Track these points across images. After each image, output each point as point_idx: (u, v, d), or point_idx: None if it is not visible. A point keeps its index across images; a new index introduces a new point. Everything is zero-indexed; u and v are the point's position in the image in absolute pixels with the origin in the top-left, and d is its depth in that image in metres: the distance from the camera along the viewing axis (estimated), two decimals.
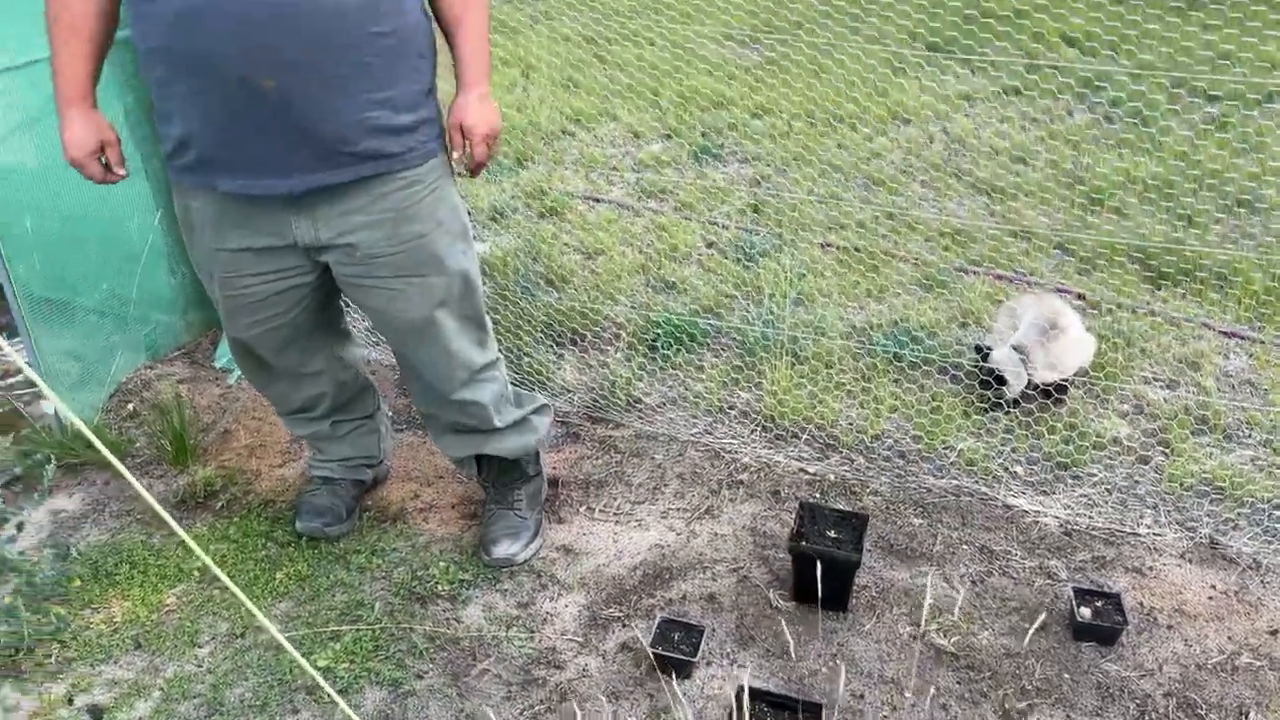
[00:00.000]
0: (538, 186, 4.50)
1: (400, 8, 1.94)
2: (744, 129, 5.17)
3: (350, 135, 1.94)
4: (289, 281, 2.17)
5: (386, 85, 1.94)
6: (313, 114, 1.89)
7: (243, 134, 1.91)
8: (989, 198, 4.42)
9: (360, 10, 1.86)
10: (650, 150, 4.97)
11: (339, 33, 1.85)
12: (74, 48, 1.98)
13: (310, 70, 1.85)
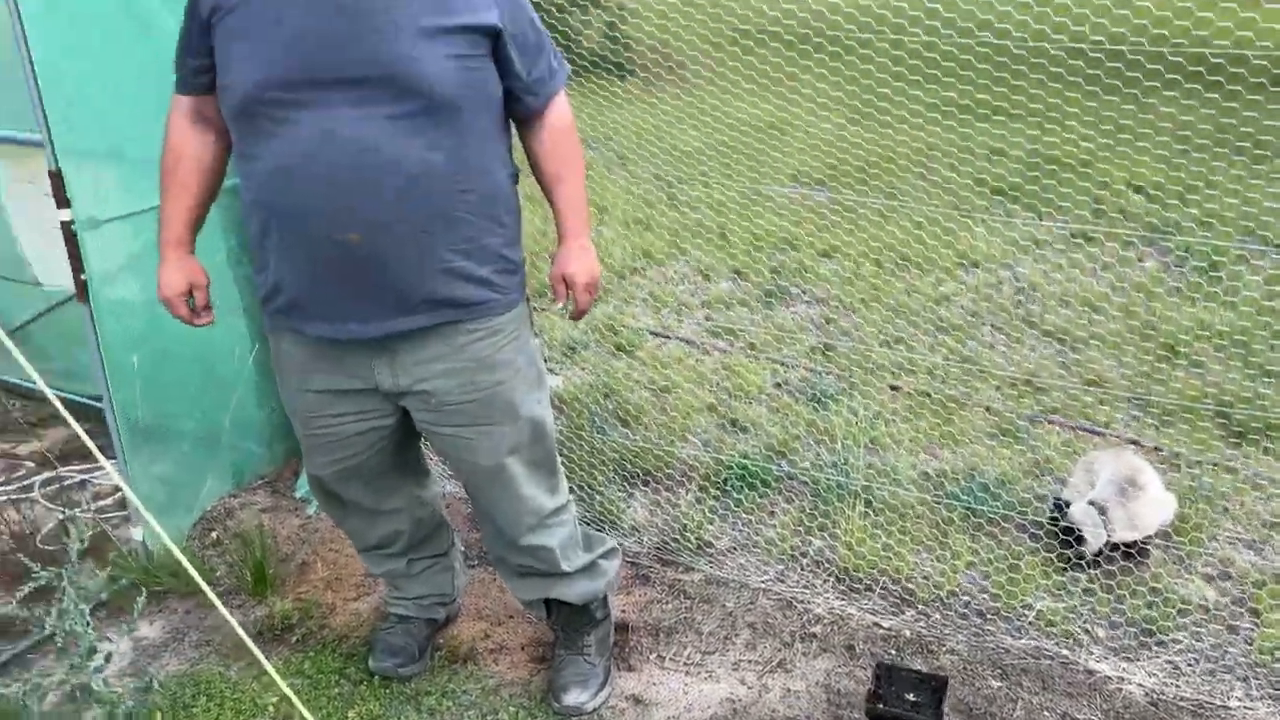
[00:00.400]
0: (610, 322, 4.61)
1: (486, 168, 2.03)
2: (813, 270, 5.26)
3: (431, 285, 2.01)
4: (370, 423, 2.24)
5: (469, 239, 2.02)
6: (395, 266, 1.97)
7: (328, 283, 2.01)
8: (1060, 345, 4.42)
9: (445, 171, 1.94)
10: (719, 289, 5.07)
11: (422, 192, 1.93)
12: (180, 199, 2.16)
13: (394, 227, 1.94)
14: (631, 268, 5.32)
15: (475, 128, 1.98)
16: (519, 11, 2.01)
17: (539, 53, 2.06)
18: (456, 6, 1.91)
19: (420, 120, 1.89)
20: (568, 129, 2.16)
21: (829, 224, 5.88)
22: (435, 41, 1.88)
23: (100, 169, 2.66)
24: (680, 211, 6.22)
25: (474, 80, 1.95)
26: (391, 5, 1.87)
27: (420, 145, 1.90)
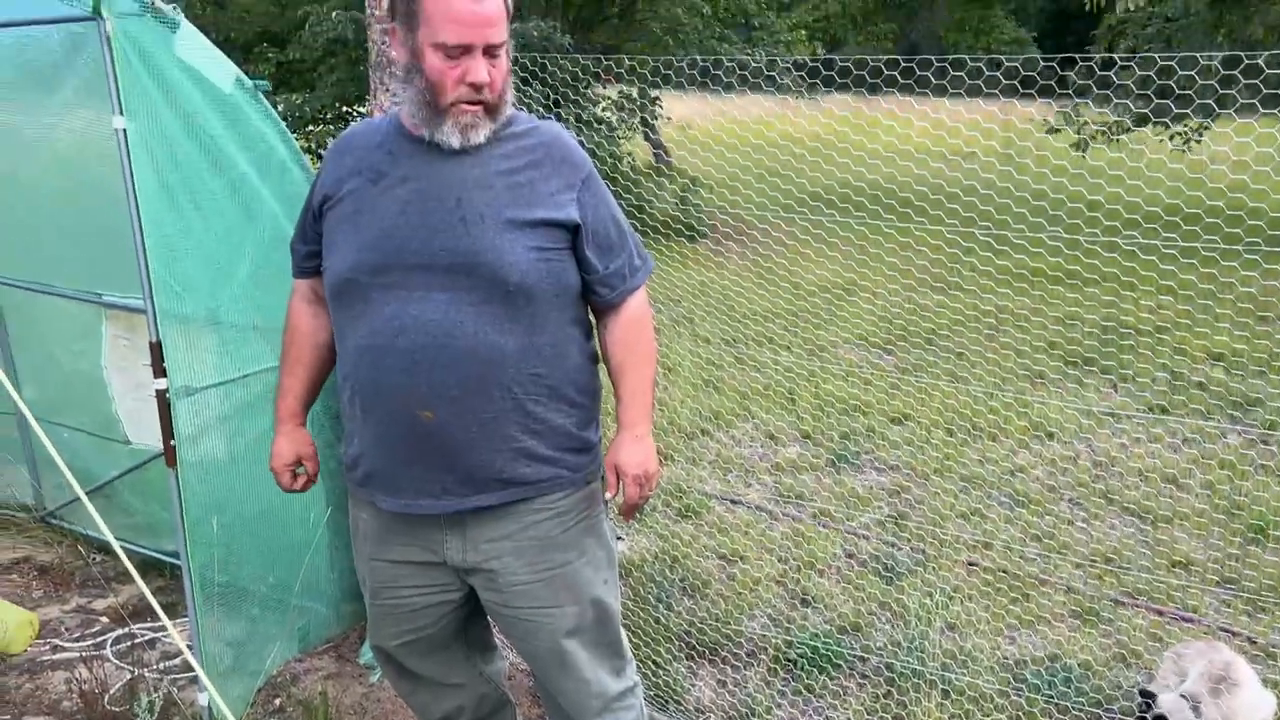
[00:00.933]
0: (676, 485, 4.60)
1: (560, 352, 2.07)
2: (882, 436, 5.22)
3: (500, 464, 2.04)
4: (438, 596, 2.24)
5: (540, 419, 2.06)
6: (466, 445, 2.02)
7: (405, 458, 2.06)
8: (1142, 522, 4.29)
9: (519, 353, 2.00)
10: (787, 454, 5.05)
11: (496, 373, 1.99)
12: (295, 374, 2.29)
13: (466, 405, 1.99)
14: (700, 429, 5.33)
15: (550, 315, 2.04)
16: (601, 209, 2.09)
17: (619, 250, 2.12)
18: (539, 201, 2.00)
19: (497, 307, 1.97)
20: (639, 321, 2.18)
21: (897, 389, 5.86)
22: (518, 234, 1.97)
23: (196, 339, 2.78)
24: (748, 373, 6.26)
25: (552, 271, 2.02)
26: (478, 198, 1.97)
27: (494, 331, 1.97)
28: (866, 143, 7.52)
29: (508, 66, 1.99)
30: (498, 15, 1.95)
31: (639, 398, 2.19)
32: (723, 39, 12.33)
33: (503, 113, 2.01)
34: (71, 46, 2.69)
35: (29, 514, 4.09)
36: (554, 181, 2.03)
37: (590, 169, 2.10)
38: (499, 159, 2.01)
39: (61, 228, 3.58)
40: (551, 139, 2.08)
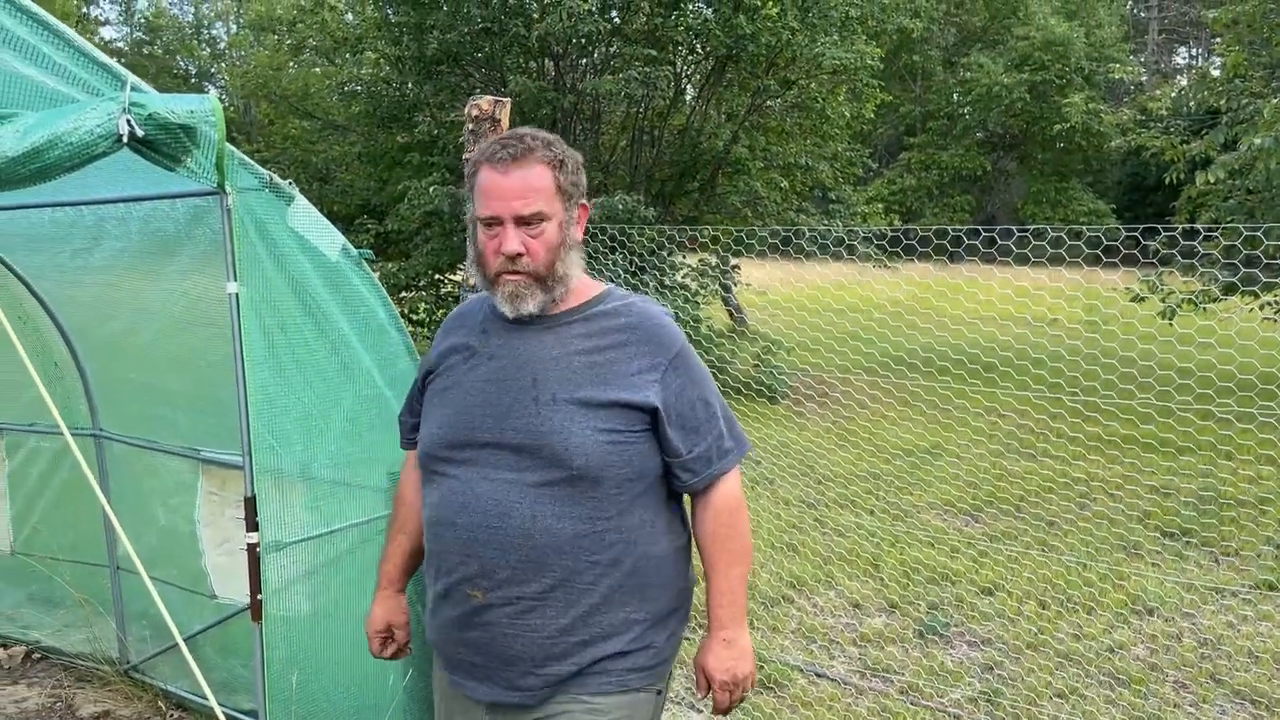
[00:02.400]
0: (757, 654, 4.46)
1: (632, 540, 1.98)
2: (971, 607, 5.03)
3: (544, 656, 1.96)
4: None
5: (597, 610, 1.96)
6: (510, 631, 1.96)
7: (457, 634, 2.04)
8: (1255, 707, 4.01)
9: (576, 540, 1.93)
10: (873, 624, 4.88)
11: (549, 559, 1.92)
12: (397, 540, 2.32)
13: (515, 590, 1.94)
14: (780, 595, 5.20)
15: (618, 500, 1.96)
16: (688, 389, 2.01)
17: (705, 432, 2.03)
18: (616, 382, 1.96)
19: (558, 489, 1.93)
20: (731, 512, 2.06)
21: (986, 557, 5.67)
22: (588, 415, 1.93)
23: (289, 494, 2.85)
24: (829, 537, 6.14)
25: (624, 455, 1.95)
26: (553, 377, 1.96)
27: (551, 515, 1.93)
28: (947, 308, 7.58)
29: (556, 237, 1.97)
30: (526, 188, 1.93)
31: (729, 597, 2.05)
32: (800, 211, 12.68)
33: (561, 284, 1.99)
34: (193, 217, 2.89)
35: (113, 667, 4.13)
36: (638, 362, 1.98)
37: (681, 348, 2.03)
38: (581, 337, 2.00)
39: (167, 388, 3.76)
40: (641, 318, 2.03)
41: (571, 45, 11.63)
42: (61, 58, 2.18)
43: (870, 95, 13.76)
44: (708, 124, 12.92)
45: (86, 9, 38.20)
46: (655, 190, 12.72)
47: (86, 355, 3.92)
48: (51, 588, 4.33)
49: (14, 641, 4.43)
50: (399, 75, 13.13)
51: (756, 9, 11.31)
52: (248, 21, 27.56)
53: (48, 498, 4.32)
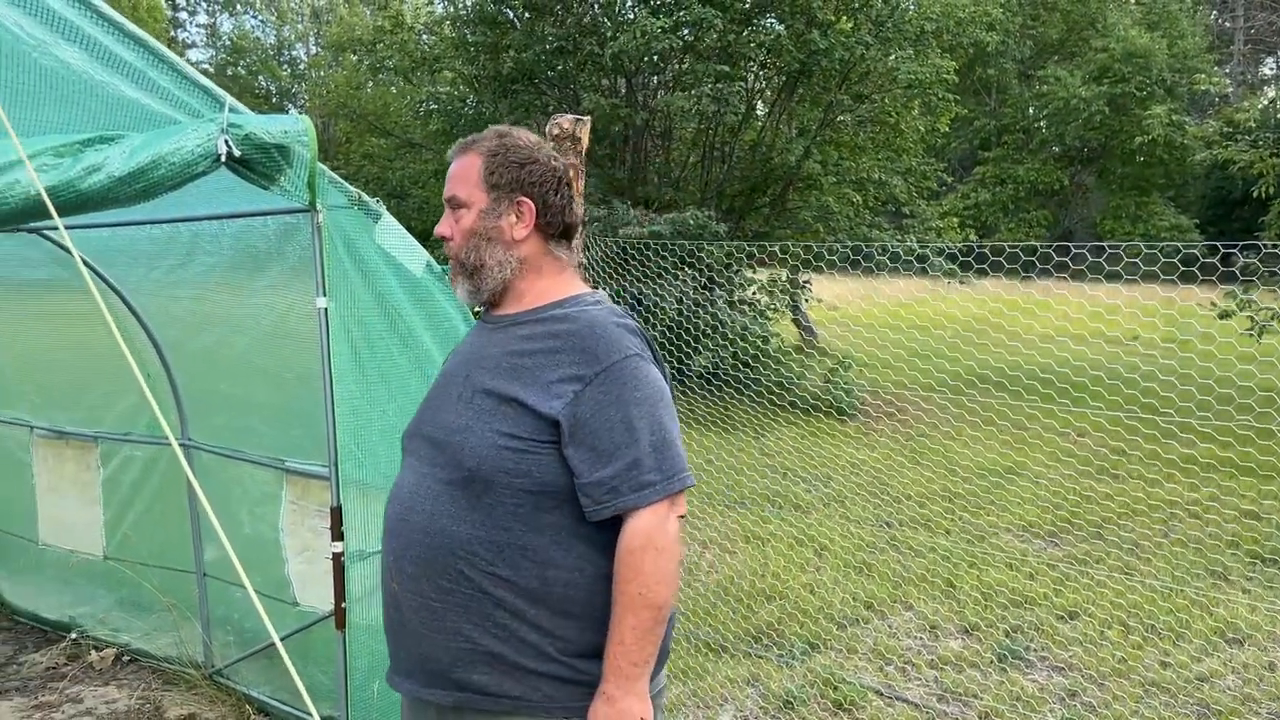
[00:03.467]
0: (830, 676, 4.41)
1: (537, 560, 1.84)
2: (1052, 632, 4.91)
3: (450, 660, 1.87)
4: None
5: (503, 626, 1.84)
6: (417, 626, 1.90)
7: (387, 625, 2.01)
8: None
9: (472, 545, 1.83)
10: (949, 647, 4.80)
11: (445, 561, 1.84)
12: None
13: (419, 586, 1.88)
14: (853, 617, 5.14)
15: (519, 512, 1.83)
16: (609, 408, 1.82)
17: (616, 458, 1.80)
18: (530, 385, 1.85)
19: (457, 490, 1.86)
20: (632, 551, 1.80)
21: (1066, 581, 5.54)
22: (492, 414, 1.85)
23: (372, 504, 2.91)
24: (904, 558, 6.05)
25: (522, 464, 1.83)
26: (479, 374, 1.92)
27: (447, 515, 1.86)
28: (1021, 326, 7.44)
29: (472, 224, 1.95)
30: (454, 174, 1.99)
31: (617, 649, 1.81)
32: (873, 225, 12.57)
33: (482, 275, 1.96)
34: (284, 234, 2.97)
35: (198, 671, 4.24)
36: (561, 370, 1.84)
37: (615, 363, 1.84)
38: (520, 339, 1.92)
39: (254, 400, 3.86)
40: (581, 326, 1.89)
41: (644, 63, 11.71)
42: (166, 81, 2.27)
43: (945, 109, 13.61)
44: (779, 139, 12.90)
45: (174, 33, 39.59)
46: (726, 206, 12.73)
47: (178, 367, 4.04)
48: (140, 592, 4.46)
49: (105, 644, 4.57)
50: (475, 94, 13.35)
51: (830, 24, 11.27)
52: (327, 42, 28.27)
53: (138, 505, 4.46)
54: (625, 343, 1.87)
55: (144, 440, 4.33)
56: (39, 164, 1.89)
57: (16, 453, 4.85)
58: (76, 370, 4.51)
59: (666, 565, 1.80)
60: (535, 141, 2.02)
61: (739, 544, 6.28)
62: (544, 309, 1.95)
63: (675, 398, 2.01)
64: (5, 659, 4.55)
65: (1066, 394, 7.64)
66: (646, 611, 1.79)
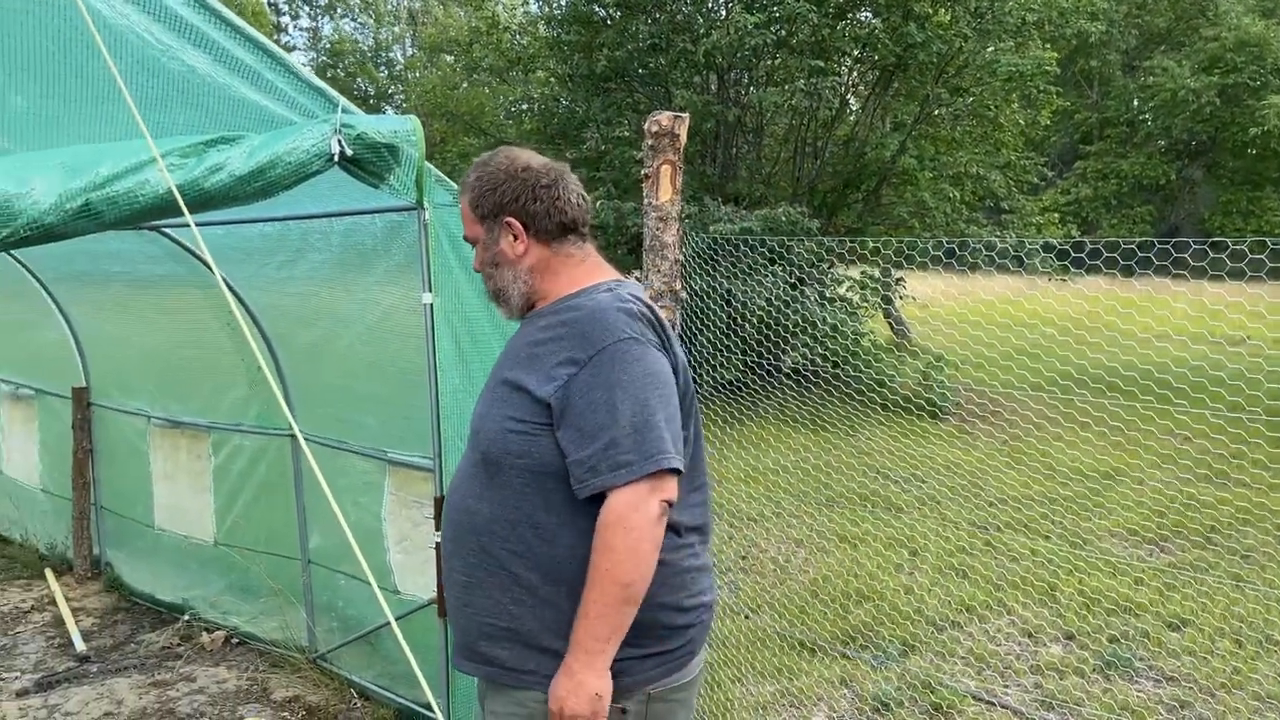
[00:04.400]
0: (926, 679, 4.34)
1: (545, 537, 1.91)
2: (1158, 640, 4.75)
3: (477, 633, 1.99)
4: None
5: (520, 602, 1.93)
6: (456, 603, 2.04)
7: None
8: None
9: (490, 524, 1.95)
10: (1049, 653, 4.68)
11: (470, 539, 1.98)
12: None
13: (454, 564, 2.03)
14: (950, 620, 5.05)
15: (525, 492, 1.92)
16: (595, 390, 1.86)
17: (596, 438, 1.84)
18: (534, 371, 1.93)
19: (479, 471, 1.99)
20: (607, 526, 1.83)
21: (1173, 589, 5.35)
22: (504, 401, 1.97)
23: None
24: (1002, 562, 5.92)
25: (524, 445, 1.91)
26: (504, 361, 2.06)
27: (473, 495, 1.99)
28: (1125, 325, 7.21)
29: (481, 259, 2.11)
30: (463, 214, 2.13)
31: (581, 621, 1.84)
32: (971, 221, 12.31)
33: (501, 300, 2.11)
34: (390, 232, 3.05)
35: (303, 654, 4.38)
36: (560, 355, 1.91)
37: (607, 347, 1.88)
38: (538, 329, 2.02)
39: (359, 392, 3.97)
40: (582, 315, 1.96)
41: (737, 59, 11.66)
42: (282, 83, 2.35)
43: (1046, 101, 13.25)
44: (873, 134, 12.72)
45: (278, 37, 40.81)
46: (818, 202, 12.60)
47: (286, 360, 4.18)
48: (249, 577, 4.63)
49: (216, 626, 4.76)
50: (568, 93, 13.47)
51: (927, 17, 11.07)
52: (423, 43, 28.81)
53: (246, 493, 4.62)
54: (621, 326, 1.91)
55: (254, 430, 4.48)
56: (167, 164, 1.97)
57: (135, 441, 5.08)
58: (190, 362, 4.70)
59: (637, 544, 1.82)
60: (510, 159, 2.10)
61: (832, 544, 6.23)
62: (560, 301, 2.05)
63: (764, 396, 2.03)
64: (124, 638, 4.77)
65: (1173, 396, 7.37)
66: (613, 588, 1.82)
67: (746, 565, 5.88)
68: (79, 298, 5.12)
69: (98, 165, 1.84)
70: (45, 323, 5.28)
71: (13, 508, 6.16)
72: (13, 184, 1.73)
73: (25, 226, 1.74)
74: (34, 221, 1.74)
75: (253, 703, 4.13)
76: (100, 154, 1.88)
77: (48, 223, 1.76)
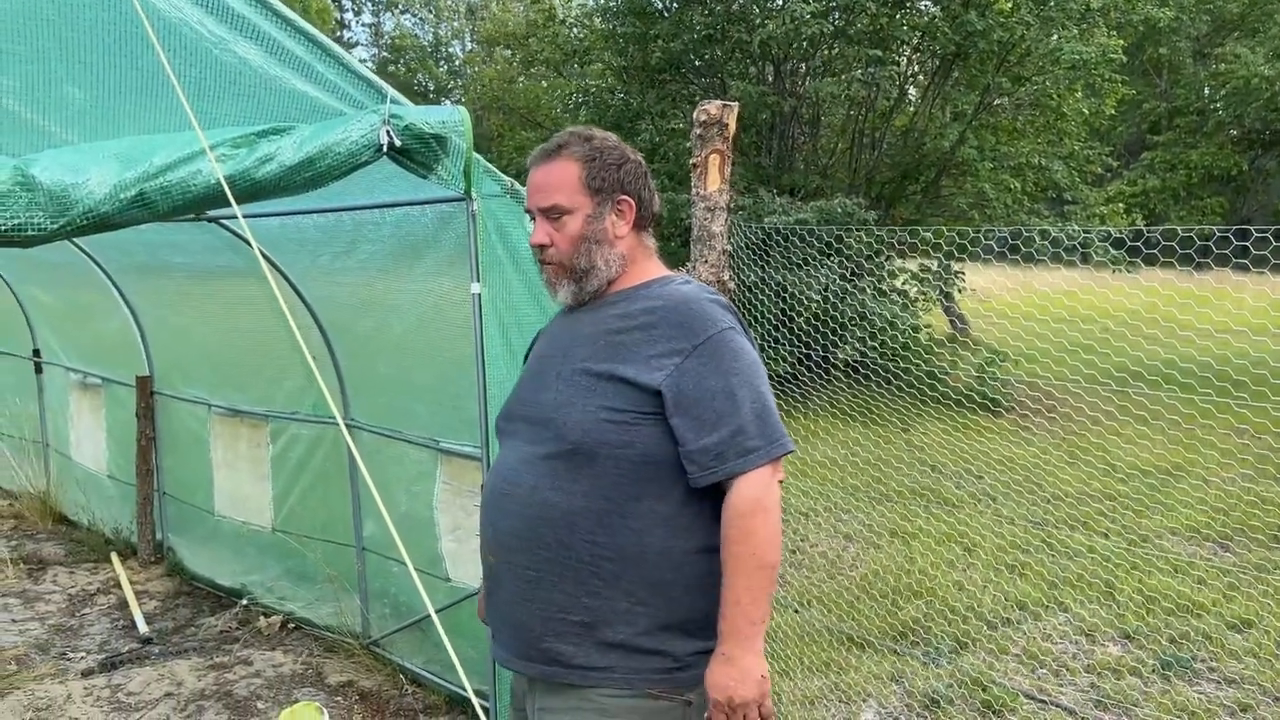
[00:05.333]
0: (977, 677, 4.28)
1: (633, 528, 1.89)
2: (1221, 642, 4.63)
3: (543, 631, 1.93)
4: None
5: (598, 598, 1.90)
6: (515, 599, 1.96)
7: (486, 599, 2.10)
8: None
9: (573, 516, 1.90)
10: (1106, 653, 4.58)
11: (546, 532, 1.91)
12: None
13: (518, 560, 1.95)
14: (1004, 618, 4.97)
15: (620, 483, 1.89)
16: (709, 378, 1.87)
17: (720, 426, 1.86)
18: (628, 360, 1.91)
19: (558, 464, 1.92)
20: (743, 515, 1.86)
21: (1237, 590, 5.21)
22: (592, 389, 1.91)
23: None
24: (1058, 559, 5.81)
25: (624, 435, 1.88)
26: (577, 353, 1.99)
27: (550, 487, 1.92)
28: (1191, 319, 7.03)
29: (579, 230, 2.00)
30: (546, 183, 2.01)
31: (731, 609, 1.86)
32: (1033, 213, 12.08)
33: (591, 276, 2.02)
34: (440, 222, 3.08)
35: (356, 640, 4.45)
36: (660, 345, 1.91)
37: (712, 336, 1.91)
38: (615, 318, 1.99)
39: (412, 382, 4.02)
40: (675, 302, 1.96)
41: (793, 49, 11.57)
42: (332, 74, 2.38)
43: (1111, 90, 12.94)
44: (932, 124, 12.54)
45: (340, 33, 41.38)
46: (875, 193, 12.46)
47: (341, 350, 4.24)
48: (305, 564, 4.71)
49: (272, 611, 4.85)
50: (623, 85, 13.47)
51: (988, 4, 10.88)
52: (483, 35, 29.02)
53: (303, 481, 4.71)
54: (719, 317, 1.94)
55: (310, 419, 4.56)
56: (218, 155, 2.01)
57: (196, 429, 5.20)
58: (249, 352, 4.79)
59: (774, 526, 1.87)
60: (617, 140, 2.09)
61: (883, 539, 6.16)
62: (636, 289, 2.03)
63: (816, 389, 2.04)
64: (185, 621, 4.89)
65: (1241, 389, 7.17)
66: (760, 572, 1.85)
67: (796, 560, 5.85)
68: (142, 287, 5.25)
69: (151, 156, 1.89)
70: (111, 312, 5.43)
71: (81, 493, 6.34)
72: (69, 174, 1.78)
73: (81, 216, 1.78)
74: (89, 211, 1.79)
75: (307, 686, 4.21)
76: (154, 145, 1.92)
77: (102, 212, 1.80)
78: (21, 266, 5.82)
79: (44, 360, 6.57)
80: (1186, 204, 26.76)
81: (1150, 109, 29.16)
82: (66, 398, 6.32)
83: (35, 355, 6.60)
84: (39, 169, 1.76)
